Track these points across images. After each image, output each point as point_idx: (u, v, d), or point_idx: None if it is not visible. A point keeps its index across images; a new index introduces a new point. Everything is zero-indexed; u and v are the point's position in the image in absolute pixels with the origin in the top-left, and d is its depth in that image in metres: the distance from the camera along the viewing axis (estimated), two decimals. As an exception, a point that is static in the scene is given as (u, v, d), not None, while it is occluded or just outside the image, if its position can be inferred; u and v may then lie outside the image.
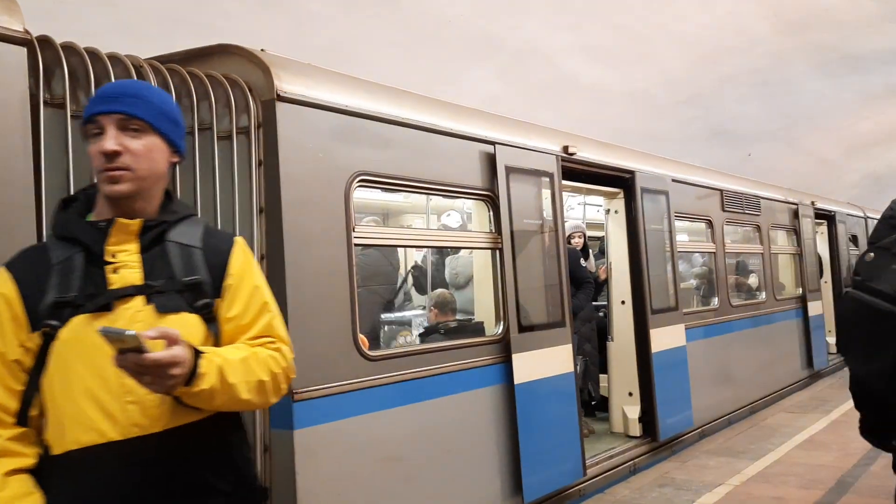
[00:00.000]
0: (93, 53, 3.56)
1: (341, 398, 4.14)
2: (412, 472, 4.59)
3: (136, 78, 3.59)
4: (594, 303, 8.26)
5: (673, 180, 8.07)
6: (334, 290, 4.20)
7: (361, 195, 6.43)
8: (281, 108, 4.02)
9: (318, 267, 4.12)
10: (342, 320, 4.21)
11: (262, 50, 4.31)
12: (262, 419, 3.85)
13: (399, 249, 7.16)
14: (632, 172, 7.30)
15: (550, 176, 6.04)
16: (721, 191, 9.33)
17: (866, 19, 13.09)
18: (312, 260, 4.10)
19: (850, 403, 2.52)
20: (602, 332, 7.98)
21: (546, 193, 5.99)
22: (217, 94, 3.86)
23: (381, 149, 4.65)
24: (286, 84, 4.07)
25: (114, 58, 3.62)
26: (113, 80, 3.52)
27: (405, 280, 7.40)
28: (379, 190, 4.85)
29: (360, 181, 4.47)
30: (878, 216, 2.54)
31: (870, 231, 15.32)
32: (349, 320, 4.25)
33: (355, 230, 4.38)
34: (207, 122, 3.82)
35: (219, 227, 3.79)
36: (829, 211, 13.21)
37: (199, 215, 3.72)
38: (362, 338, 4.42)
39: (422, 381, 4.70)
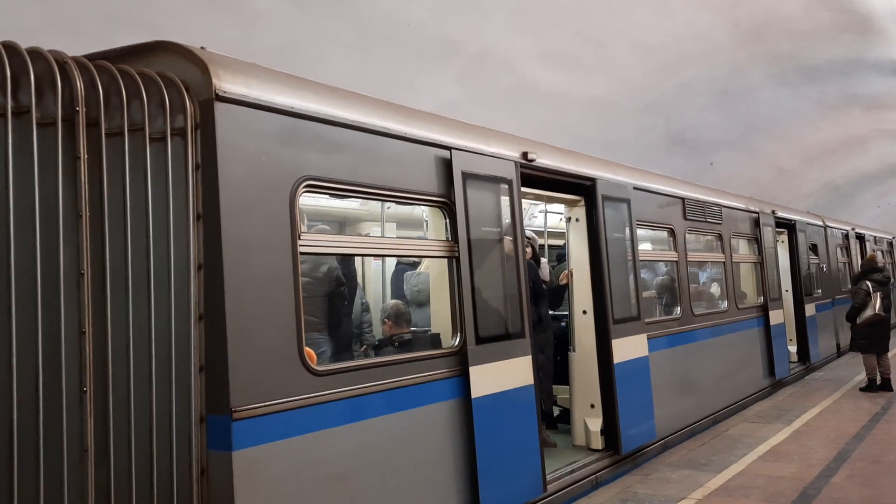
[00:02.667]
0: (11, 48, 3.31)
1: (285, 416, 3.91)
2: (361, 493, 4.36)
3: (58, 75, 3.34)
4: (553, 312, 8.10)
5: (634, 188, 7.96)
6: (278, 302, 3.96)
7: (312, 202, 6.23)
8: (220, 108, 3.78)
9: (259, 277, 3.88)
10: (286, 333, 3.98)
11: (201, 48, 4.08)
12: (197, 439, 3.60)
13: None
14: (593, 180, 7.17)
15: (509, 182, 5.88)
16: (683, 199, 9.27)
17: (823, 29, 13.21)
18: (254, 269, 3.86)
19: (812, 413, 2.43)
20: (561, 341, 7.83)
21: (505, 200, 5.82)
22: (150, 93, 3.61)
23: (329, 153, 4.43)
24: (226, 83, 3.84)
25: (35, 53, 3.37)
26: (32, 76, 3.27)
27: None
28: (327, 196, 4.61)
29: (306, 186, 4.24)
30: (838, 226, 2.49)
31: (829, 240, 15.77)
32: (294, 333, 4.01)
33: (301, 238, 4.16)
34: (139, 123, 3.57)
35: (151, 235, 3.54)
36: (790, 220, 13.27)
37: (131, 222, 3.49)
38: (309, 351, 4.19)
39: (373, 396, 4.48)
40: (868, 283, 11.24)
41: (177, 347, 3.55)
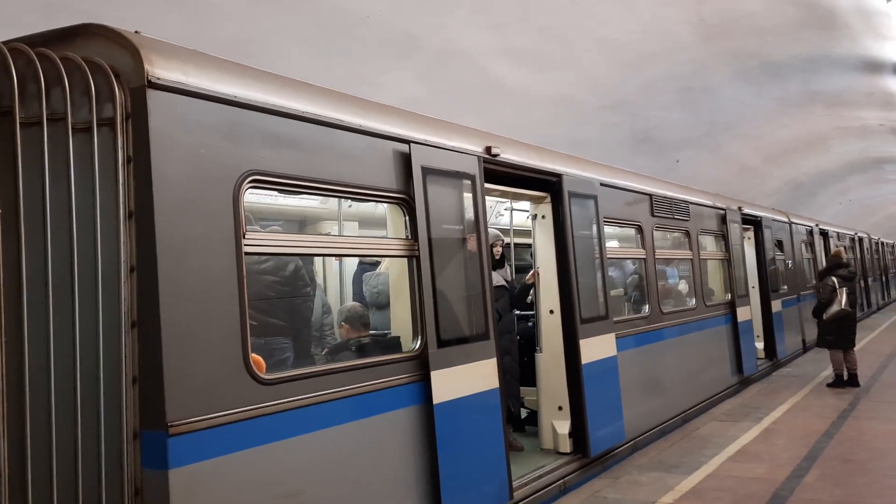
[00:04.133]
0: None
1: (229, 429, 3.61)
2: (315, 510, 4.07)
3: (-34, 57, 3.01)
4: (519, 312, 7.87)
5: (602, 184, 7.77)
6: (220, 306, 3.66)
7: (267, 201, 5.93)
8: (153, 96, 3.47)
9: (199, 279, 3.58)
10: (230, 339, 3.68)
11: (136, 32, 3.76)
12: (130, 457, 3.29)
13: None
14: (559, 176, 6.96)
15: (472, 178, 5.64)
16: (650, 195, 9.11)
17: (786, 26, 13.20)
18: (193, 271, 3.55)
19: (780, 410, 2.28)
20: (528, 342, 7.61)
21: (467, 197, 5.57)
22: (73, 79, 3.30)
23: (278, 146, 4.14)
24: (160, 69, 3.53)
25: (-61, 33, 3.04)
26: (-65, 58, 2.95)
27: None
28: (276, 193, 4.32)
29: (252, 182, 3.95)
30: (802, 222, 2.29)
31: (794, 236, 15.73)
32: (238, 339, 3.71)
33: (246, 236, 3.86)
34: (60, 112, 3.25)
35: (75, 235, 3.22)
36: (756, 216, 13.23)
37: (51, 221, 3.17)
38: (256, 358, 3.89)
39: (327, 405, 4.19)
40: (834, 278, 11.19)
41: (105, 358, 3.24)
